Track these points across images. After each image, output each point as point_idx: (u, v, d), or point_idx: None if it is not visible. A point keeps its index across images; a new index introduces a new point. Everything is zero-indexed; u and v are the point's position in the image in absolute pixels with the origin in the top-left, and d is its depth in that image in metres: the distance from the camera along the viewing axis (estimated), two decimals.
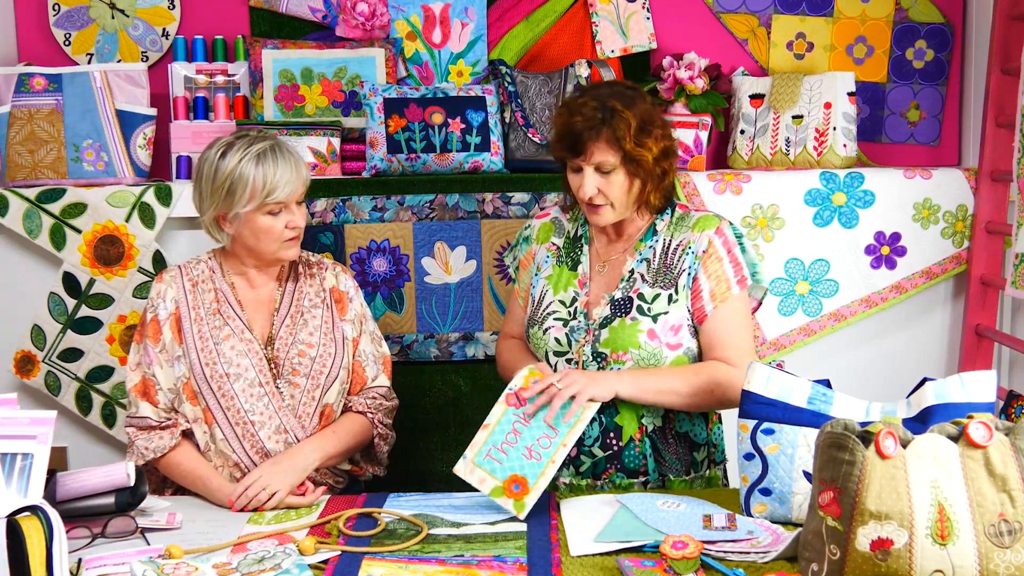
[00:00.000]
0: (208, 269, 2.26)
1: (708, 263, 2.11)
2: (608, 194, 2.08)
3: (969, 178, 2.93)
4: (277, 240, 2.18)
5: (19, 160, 2.85)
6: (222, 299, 2.23)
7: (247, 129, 2.25)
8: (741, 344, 2.12)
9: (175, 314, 2.21)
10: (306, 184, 2.21)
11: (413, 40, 3.07)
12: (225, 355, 2.17)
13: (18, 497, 1.58)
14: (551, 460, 1.92)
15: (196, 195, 2.22)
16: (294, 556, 1.69)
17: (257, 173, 2.13)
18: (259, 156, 2.14)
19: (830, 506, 1.51)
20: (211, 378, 2.16)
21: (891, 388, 2.53)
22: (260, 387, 2.16)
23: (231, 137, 2.21)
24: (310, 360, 2.20)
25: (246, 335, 2.19)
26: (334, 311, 2.29)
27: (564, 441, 1.94)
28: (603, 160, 2.05)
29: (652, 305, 2.11)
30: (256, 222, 2.16)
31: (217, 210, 2.17)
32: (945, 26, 3.11)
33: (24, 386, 2.86)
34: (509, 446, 1.96)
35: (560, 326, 2.17)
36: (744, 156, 3.01)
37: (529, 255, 2.30)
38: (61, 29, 3.02)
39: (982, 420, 1.53)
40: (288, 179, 2.15)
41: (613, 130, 2.03)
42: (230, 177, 2.13)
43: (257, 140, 2.18)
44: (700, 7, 3.11)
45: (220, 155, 2.16)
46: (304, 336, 2.22)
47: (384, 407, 2.30)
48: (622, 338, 2.10)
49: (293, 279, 2.29)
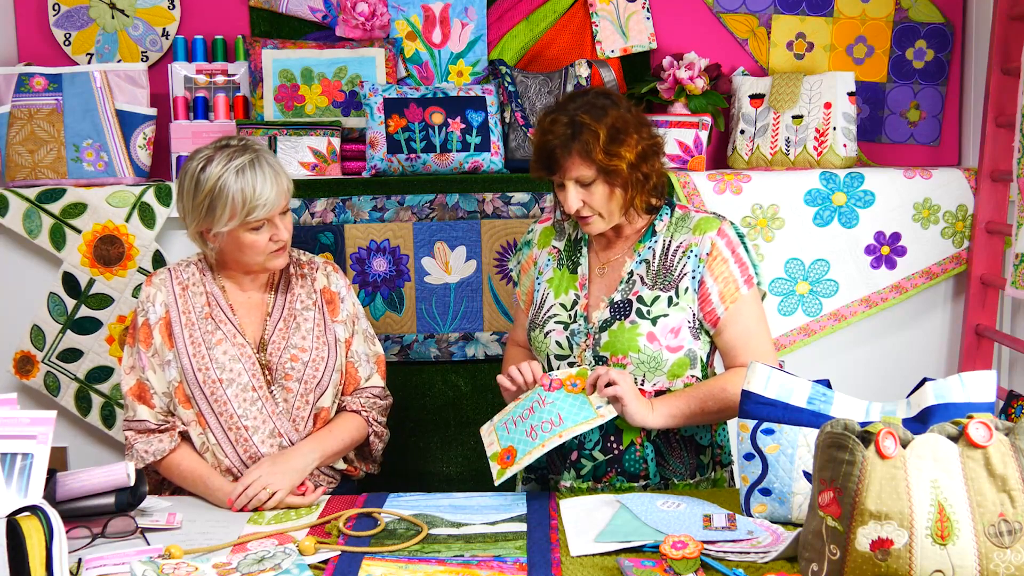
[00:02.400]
0: (198, 271, 2.25)
1: (713, 265, 2.11)
2: (592, 205, 2.09)
3: (969, 178, 2.93)
4: (262, 253, 2.16)
5: (19, 160, 2.85)
6: (213, 303, 2.21)
7: (229, 138, 2.20)
8: (759, 347, 2.13)
9: (165, 318, 2.19)
10: (289, 194, 2.17)
11: (413, 40, 3.07)
12: (217, 360, 2.15)
13: (18, 497, 1.58)
14: (542, 444, 1.97)
15: (179, 208, 2.19)
16: (294, 556, 1.69)
17: (236, 190, 2.08)
18: (238, 172, 2.09)
19: (830, 506, 1.51)
20: (203, 383, 2.15)
21: (891, 388, 2.53)
22: (253, 391, 2.16)
23: (211, 148, 2.16)
24: (303, 365, 2.19)
25: (238, 339, 2.18)
26: (326, 313, 2.27)
27: (561, 432, 1.97)
28: (580, 174, 2.06)
29: (651, 308, 2.11)
30: (239, 238, 2.13)
31: (199, 226, 2.15)
32: (945, 26, 3.11)
33: (23, 386, 2.86)
34: (521, 420, 2.03)
35: (561, 329, 2.17)
36: (744, 156, 3.01)
37: (530, 259, 2.30)
38: (61, 29, 3.02)
39: (982, 420, 1.53)
40: (268, 196, 2.10)
41: (583, 144, 2.04)
42: (209, 194, 2.09)
43: (237, 153, 2.12)
44: (700, 7, 3.11)
45: (200, 168, 2.12)
46: (297, 340, 2.21)
47: (378, 406, 2.31)
48: (622, 341, 2.10)
49: (284, 282, 2.27)
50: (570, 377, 2.06)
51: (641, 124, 2.12)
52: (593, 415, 1.98)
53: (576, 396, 2.02)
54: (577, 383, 2.05)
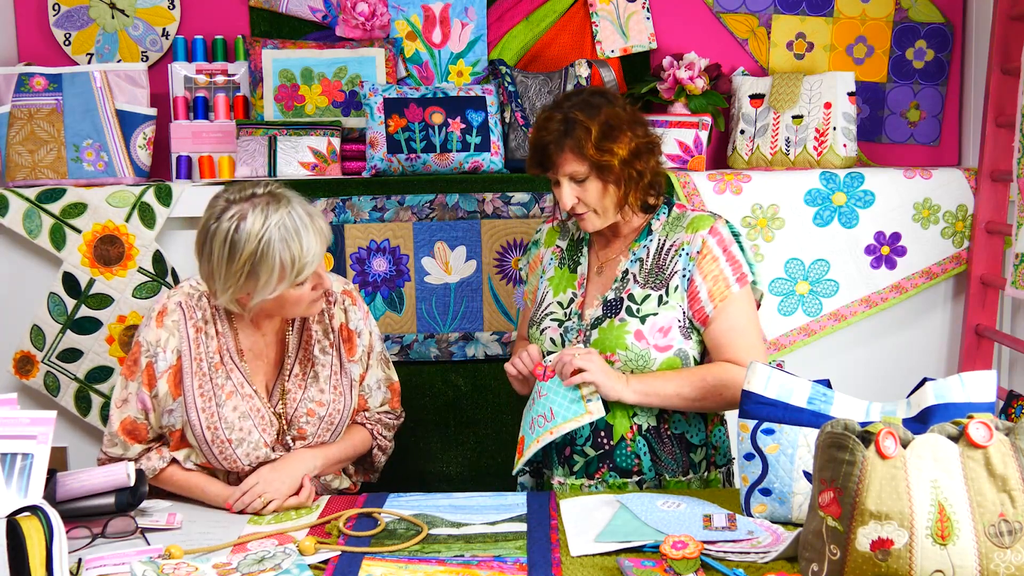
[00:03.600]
0: (210, 306, 2.09)
1: (703, 264, 2.11)
2: (587, 201, 2.12)
3: (969, 178, 2.93)
4: (305, 304, 2.03)
5: (19, 160, 2.85)
6: (224, 349, 2.08)
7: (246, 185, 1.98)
8: (748, 343, 2.12)
9: (175, 367, 2.06)
10: (329, 240, 2.00)
11: (413, 40, 3.07)
12: (227, 419, 2.05)
13: (18, 497, 1.58)
14: (536, 440, 2.05)
15: (205, 270, 1.97)
16: (294, 556, 1.69)
17: (283, 251, 1.89)
18: (282, 232, 1.89)
19: (830, 506, 1.51)
20: (212, 442, 2.06)
21: (891, 388, 2.53)
22: (264, 448, 2.09)
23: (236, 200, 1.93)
24: (319, 419, 2.13)
25: (246, 389, 2.08)
26: (343, 353, 2.17)
27: (552, 429, 2.04)
28: (573, 170, 2.09)
29: (641, 306, 2.12)
30: (283, 296, 1.98)
31: (237, 292, 1.96)
32: (945, 26, 3.11)
33: (23, 386, 2.86)
34: (528, 410, 2.14)
35: (555, 326, 2.19)
36: (744, 156, 3.01)
37: (536, 259, 2.34)
38: (61, 29, 3.02)
39: (982, 420, 1.53)
40: (316, 251, 1.93)
41: (576, 140, 2.07)
42: (251, 259, 1.89)
43: (270, 206, 1.91)
44: (700, 7, 3.11)
45: (234, 229, 1.90)
46: (314, 393, 2.12)
47: (385, 422, 2.29)
48: (610, 339, 2.11)
49: (300, 319, 2.14)
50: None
51: (636, 122, 2.13)
52: (583, 411, 2.02)
53: (571, 388, 2.06)
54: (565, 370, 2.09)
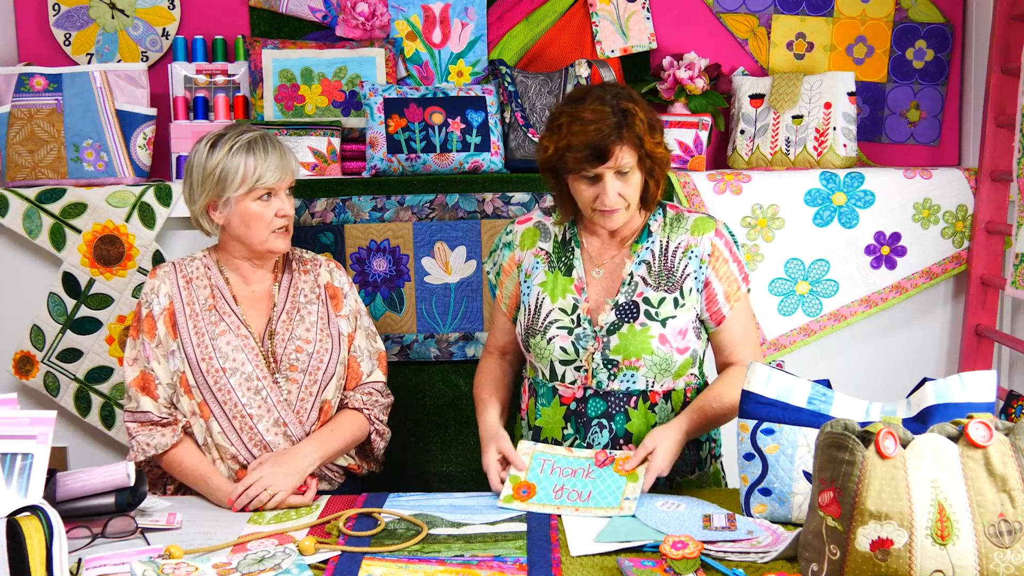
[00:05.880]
0: (203, 266, 2.29)
1: (717, 266, 2.12)
2: (626, 196, 2.06)
3: (969, 178, 2.93)
4: (267, 228, 2.21)
5: (19, 160, 2.85)
6: (218, 295, 2.25)
7: (236, 123, 2.32)
8: (753, 343, 2.19)
9: (169, 309, 2.23)
10: (294, 174, 2.26)
11: (413, 40, 3.07)
12: (221, 350, 2.19)
13: (18, 497, 1.58)
14: (557, 507, 1.95)
15: (186, 188, 2.26)
16: (294, 556, 1.69)
17: (248, 159, 2.18)
18: (249, 144, 2.20)
19: (830, 506, 1.51)
20: (207, 372, 2.17)
21: (891, 388, 2.53)
22: (257, 381, 2.18)
23: (220, 130, 2.26)
24: (307, 356, 2.22)
25: (241, 331, 2.22)
26: (329, 307, 2.31)
27: (579, 508, 1.94)
28: (624, 162, 2.02)
29: (659, 309, 2.10)
30: (246, 209, 2.19)
31: (208, 198, 2.21)
32: (945, 26, 3.11)
33: (23, 386, 2.86)
34: (560, 474, 2.02)
35: (565, 334, 2.12)
36: (744, 156, 3.01)
37: (512, 261, 2.23)
38: (61, 29, 3.02)
39: (982, 420, 1.53)
40: (277, 164, 2.20)
41: (633, 129, 2.01)
42: (220, 163, 2.18)
43: (246, 131, 2.23)
44: (700, 7, 3.11)
45: (210, 146, 2.21)
46: (301, 332, 2.25)
47: (380, 403, 2.32)
48: (634, 344, 2.08)
49: (288, 274, 2.31)
50: (626, 458, 2.02)
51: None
52: (617, 505, 1.94)
53: (617, 478, 1.98)
54: (628, 464, 2.01)
